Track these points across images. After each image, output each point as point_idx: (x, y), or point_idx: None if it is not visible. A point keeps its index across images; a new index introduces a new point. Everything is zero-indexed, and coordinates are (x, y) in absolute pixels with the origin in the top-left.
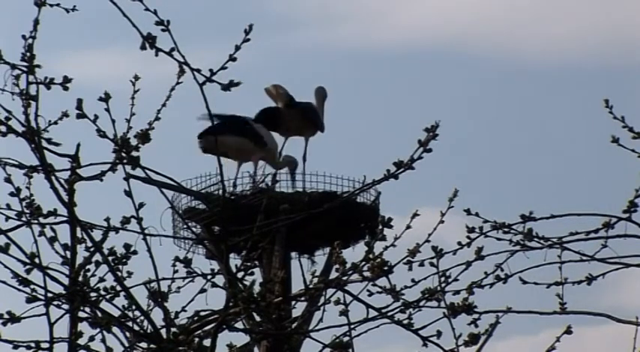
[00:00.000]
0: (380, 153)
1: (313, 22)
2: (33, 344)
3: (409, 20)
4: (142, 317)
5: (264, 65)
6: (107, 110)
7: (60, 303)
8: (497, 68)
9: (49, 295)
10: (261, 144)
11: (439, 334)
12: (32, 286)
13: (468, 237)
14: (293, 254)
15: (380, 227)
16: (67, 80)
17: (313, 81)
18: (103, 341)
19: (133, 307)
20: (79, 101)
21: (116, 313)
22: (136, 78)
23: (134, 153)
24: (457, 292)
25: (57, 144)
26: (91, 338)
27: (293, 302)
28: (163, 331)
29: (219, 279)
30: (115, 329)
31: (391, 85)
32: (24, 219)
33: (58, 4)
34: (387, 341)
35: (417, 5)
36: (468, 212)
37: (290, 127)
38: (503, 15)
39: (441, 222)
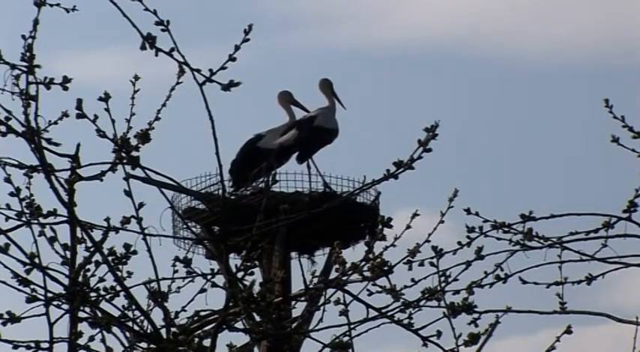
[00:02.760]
0: (380, 153)
1: (313, 23)
2: (33, 344)
3: (409, 20)
4: (142, 317)
5: (264, 66)
6: (107, 110)
7: (60, 303)
8: (497, 68)
9: (49, 295)
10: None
11: (439, 334)
12: (32, 286)
13: (468, 237)
14: (293, 254)
15: (380, 227)
16: (66, 80)
17: (313, 81)
18: (103, 341)
19: (133, 307)
20: (79, 101)
21: (116, 313)
22: (136, 78)
23: (134, 153)
24: (457, 292)
25: (57, 144)
26: (91, 338)
27: (293, 302)
28: (163, 331)
29: (219, 279)
30: (115, 329)
31: (391, 85)
32: (24, 219)
33: (58, 4)
34: (387, 341)
35: (416, 5)
36: (468, 212)
37: None
38: (503, 15)
39: (441, 221)
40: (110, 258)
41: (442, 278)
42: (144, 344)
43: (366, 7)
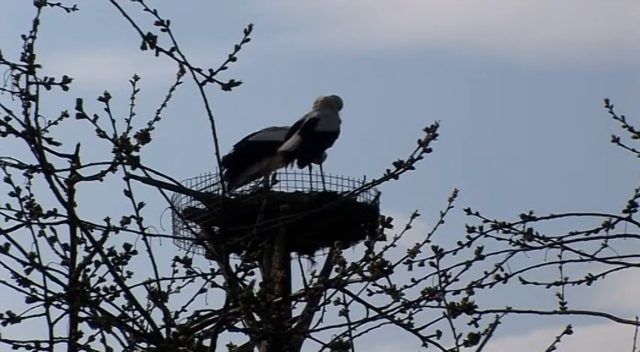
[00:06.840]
0: (380, 153)
1: (310, 24)
2: (33, 344)
3: (408, 21)
4: (142, 317)
5: (264, 66)
6: (107, 110)
7: (60, 303)
8: (497, 68)
9: (49, 295)
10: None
11: (439, 334)
12: (32, 286)
13: (468, 237)
14: (293, 254)
15: (380, 227)
16: (66, 80)
17: (311, 82)
18: (103, 341)
19: (133, 307)
20: (79, 101)
21: (116, 313)
22: (136, 78)
23: (134, 153)
24: (457, 292)
25: (57, 144)
26: (91, 338)
27: (293, 302)
28: (163, 331)
29: (219, 279)
30: (115, 329)
31: (391, 85)
32: (24, 219)
33: (58, 4)
34: (387, 341)
35: (415, 6)
36: (468, 212)
37: None
38: (503, 15)
39: (441, 222)
40: (110, 258)
41: (442, 278)
42: (144, 344)
43: (363, 8)
